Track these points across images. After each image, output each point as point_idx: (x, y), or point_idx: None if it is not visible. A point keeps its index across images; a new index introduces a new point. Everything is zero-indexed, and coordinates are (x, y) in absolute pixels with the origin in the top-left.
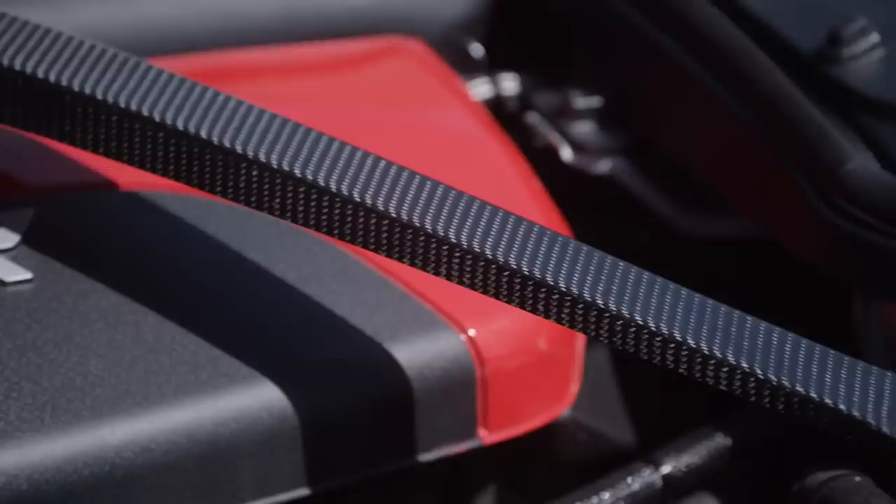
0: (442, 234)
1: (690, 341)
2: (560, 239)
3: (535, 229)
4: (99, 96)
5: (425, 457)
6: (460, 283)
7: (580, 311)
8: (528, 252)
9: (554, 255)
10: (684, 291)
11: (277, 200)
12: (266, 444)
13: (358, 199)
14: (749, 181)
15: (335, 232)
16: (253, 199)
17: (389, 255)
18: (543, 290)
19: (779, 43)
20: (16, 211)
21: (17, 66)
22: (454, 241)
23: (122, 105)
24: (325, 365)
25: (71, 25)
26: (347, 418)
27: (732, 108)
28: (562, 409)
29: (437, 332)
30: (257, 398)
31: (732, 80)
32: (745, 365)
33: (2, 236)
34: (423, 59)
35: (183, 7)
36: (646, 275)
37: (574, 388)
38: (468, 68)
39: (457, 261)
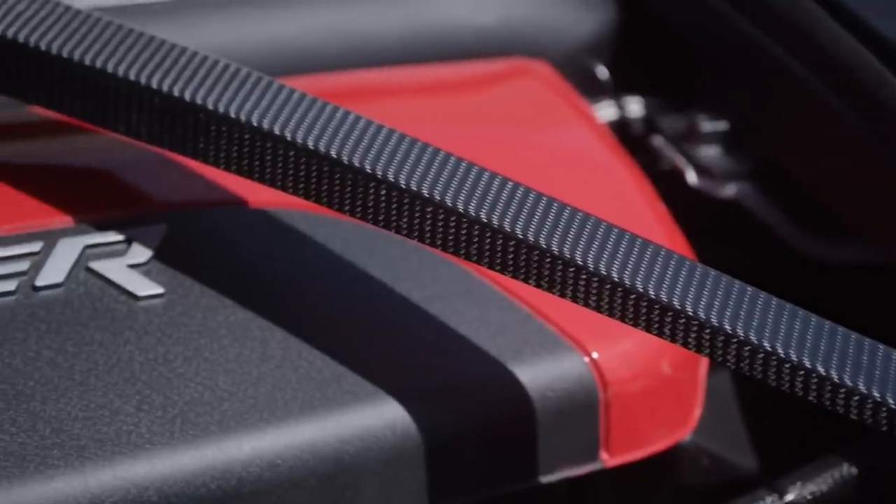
0: (568, 256)
1: (820, 369)
2: (687, 263)
3: (662, 252)
4: (232, 115)
5: (546, 478)
6: (585, 305)
7: (707, 337)
8: (654, 276)
9: (681, 279)
10: (814, 318)
11: (405, 220)
12: (389, 463)
13: (485, 220)
14: (878, 205)
15: (461, 252)
16: (381, 217)
17: (515, 276)
18: (670, 314)
19: None
20: (148, 227)
21: (154, 85)
22: (580, 263)
23: (255, 123)
24: (448, 384)
25: (204, 44)
26: (470, 438)
27: (860, 131)
28: (684, 433)
29: (560, 354)
30: (381, 416)
31: (860, 102)
32: (876, 394)
33: (135, 252)
34: (549, 81)
35: (312, 27)
36: (774, 300)
37: (697, 412)
38: (593, 90)
39: (583, 283)
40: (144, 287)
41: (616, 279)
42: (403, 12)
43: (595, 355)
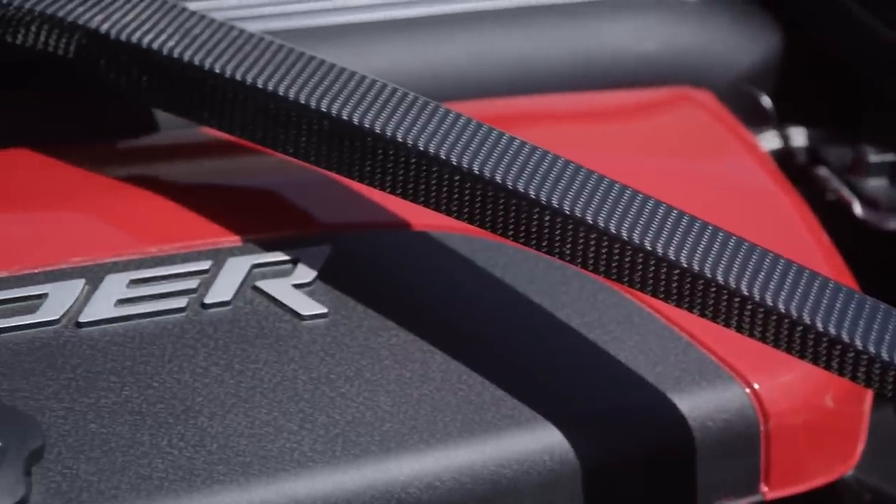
0: (734, 286)
1: None
2: (855, 295)
3: (830, 284)
4: (399, 139)
5: None
6: (750, 335)
7: (877, 371)
8: (822, 308)
9: (849, 311)
10: None
11: (568, 246)
12: (547, 487)
13: (649, 248)
14: None
15: (624, 279)
16: (544, 243)
17: (678, 305)
18: (838, 347)
19: None
20: (314, 247)
21: (324, 108)
22: (746, 293)
23: (421, 148)
24: (607, 410)
25: (371, 68)
26: (628, 465)
27: None
28: (846, 467)
29: (721, 384)
30: (540, 441)
31: None
32: None
33: (300, 272)
34: (712, 110)
35: (477, 53)
36: None
37: (859, 446)
38: (757, 120)
39: (748, 313)
40: (309, 307)
41: (783, 310)
42: (567, 39)
43: (756, 386)
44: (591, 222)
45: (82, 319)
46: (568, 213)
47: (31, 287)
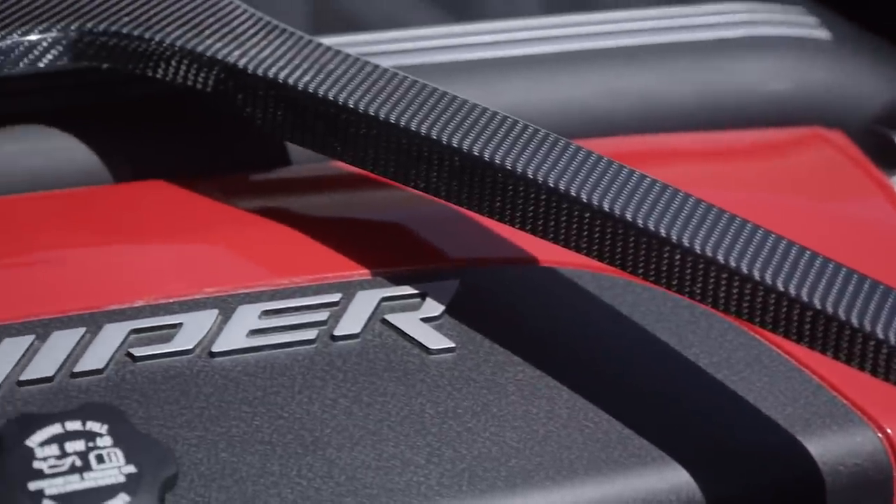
0: (869, 329)
1: None
2: None
3: None
4: (529, 175)
5: None
6: (885, 379)
7: None
8: None
9: None
10: None
11: (699, 285)
12: None
13: (781, 289)
14: None
15: (755, 319)
16: (674, 282)
17: (810, 346)
18: None
19: None
20: (442, 282)
21: (455, 144)
22: (881, 337)
23: (551, 184)
24: (735, 451)
25: (499, 104)
26: None
27: None
28: None
29: (852, 428)
30: (666, 480)
31: None
32: None
33: (428, 306)
34: (844, 151)
35: (605, 90)
36: None
37: None
38: (890, 161)
39: (883, 357)
40: (436, 341)
41: None
42: (696, 78)
43: (889, 431)
44: (722, 261)
45: (215, 349)
46: (699, 251)
47: (166, 317)
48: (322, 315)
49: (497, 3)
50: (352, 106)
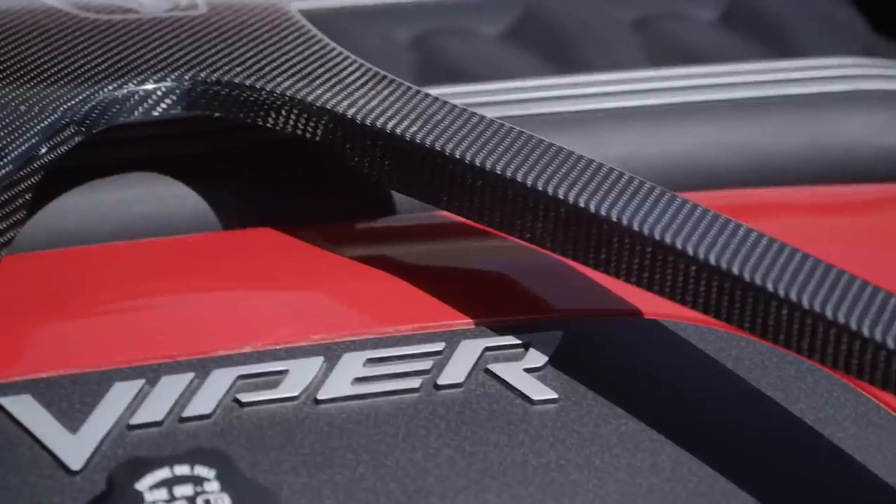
0: None
1: None
2: None
3: None
4: (635, 227)
5: None
6: None
7: None
8: None
9: None
10: None
11: (806, 341)
12: None
13: (892, 347)
14: None
15: (864, 377)
16: (780, 337)
17: None
18: None
19: None
20: (546, 333)
21: (560, 195)
22: None
23: (657, 237)
24: None
25: (602, 155)
26: None
27: None
28: None
29: None
30: None
31: None
32: None
33: (532, 356)
34: None
35: (710, 143)
36: None
37: None
38: None
39: None
40: (539, 392)
41: None
42: (803, 131)
43: None
44: (830, 317)
45: (320, 396)
46: (806, 306)
47: (273, 363)
48: (426, 364)
49: (601, 56)
50: (458, 156)
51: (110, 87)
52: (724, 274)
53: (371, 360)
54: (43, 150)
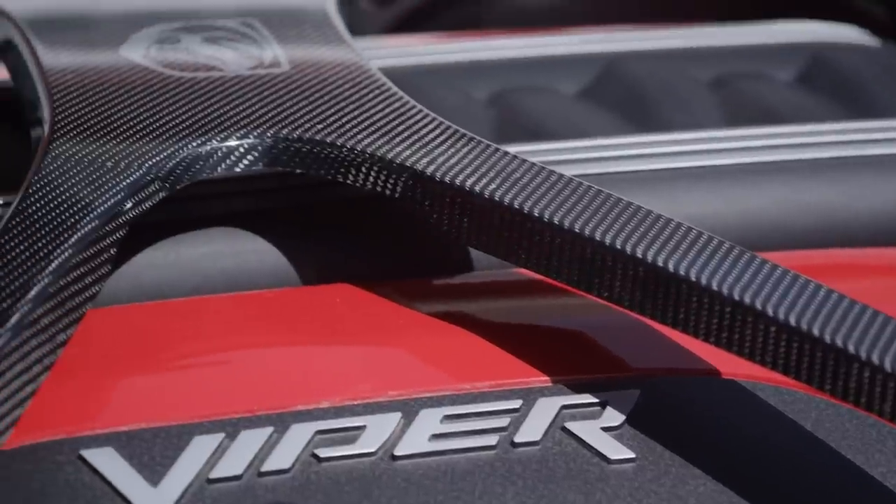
0: None
1: None
2: None
3: None
4: (714, 287)
5: None
6: None
7: None
8: None
9: None
10: None
11: (888, 404)
12: None
13: None
14: None
15: None
16: (861, 399)
17: None
18: None
19: None
20: (624, 391)
21: (639, 254)
22: None
23: (736, 297)
24: None
25: (680, 214)
26: None
27: None
28: None
29: None
30: None
31: None
32: None
33: (609, 415)
34: None
35: (787, 203)
36: None
37: None
38: None
39: None
40: (617, 451)
41: None
42: (879, 192)
43: None
44: None
45: (398, 452)
46: (889, 370)
47: (350, 418)
48: (503, 421)
49: (679, 115)
50: (536, 214)
51: (194, 144)
52: (803, 335)
53: (448, 417)
54: (128, 206)
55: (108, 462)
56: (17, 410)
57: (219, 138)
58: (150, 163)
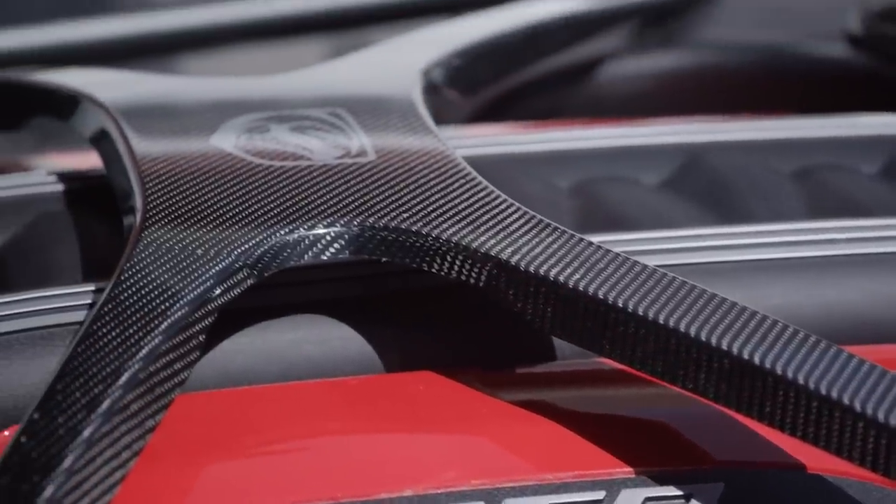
0: None
1: None
2: None
3: None
4: (800, 381)
5: None
6: None
7: None
8: None
9: None
10: None
11: None
12: None
13: None
14: None
15: None
16: None
17: None
18: None
19: None
20: (708, 484)
21: (724, 346)
22: None
23: (822, 392)
24: None
25: (763, 306)
26: None
27: None
28: None
29: None
30: None
31: None
32: None
33: None
34: None
35: (872, 297)
36: None
37: None
38: None
39: None
40: None
41: None
42: None
43: None
44: None
45: None
46: None
47: None
48: None
49: (761, 206)
50: (621, 305)
51: (282, 232)
52: (892, 431)
53: None
54: (217, 293)
55: None
56: (107, 496)
57: (306, 227)
58: (239, 250)
